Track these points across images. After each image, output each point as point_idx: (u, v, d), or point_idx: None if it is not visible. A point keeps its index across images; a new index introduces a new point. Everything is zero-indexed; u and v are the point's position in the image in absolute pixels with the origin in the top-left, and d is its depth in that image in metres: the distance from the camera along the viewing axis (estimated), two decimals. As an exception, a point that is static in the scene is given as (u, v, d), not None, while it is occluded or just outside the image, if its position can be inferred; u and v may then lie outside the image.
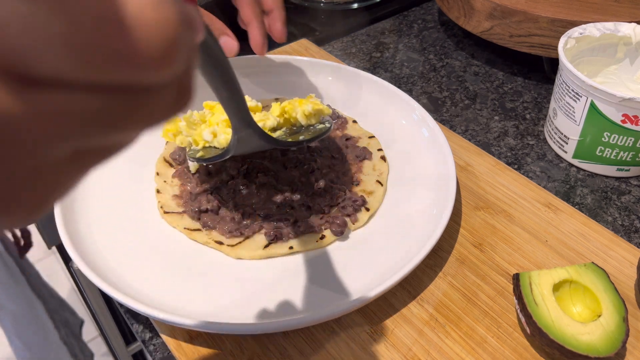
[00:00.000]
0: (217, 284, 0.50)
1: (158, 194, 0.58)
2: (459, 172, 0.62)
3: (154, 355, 0.48)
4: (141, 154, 0.63)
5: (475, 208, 0.58)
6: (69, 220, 0.53)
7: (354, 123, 0.66)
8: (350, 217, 0.55)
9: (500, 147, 0.67)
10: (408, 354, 0.46)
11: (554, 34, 0.70)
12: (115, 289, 0.47)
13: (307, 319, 0.44)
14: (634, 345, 0.46)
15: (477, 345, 0.46)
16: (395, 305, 0.49)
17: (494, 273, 0.52)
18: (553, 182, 0.62)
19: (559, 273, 0.47)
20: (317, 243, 0.53)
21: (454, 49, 0.84)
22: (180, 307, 0.47)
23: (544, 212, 0.57)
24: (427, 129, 0.63)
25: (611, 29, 0.64)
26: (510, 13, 0.71)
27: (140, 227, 0.55)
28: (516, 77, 0.79)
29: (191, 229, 0.54)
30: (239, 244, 0.53)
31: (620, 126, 0.57)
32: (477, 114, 0.72)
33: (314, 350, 0.46)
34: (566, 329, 0.43)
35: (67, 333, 1.23)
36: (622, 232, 0.57)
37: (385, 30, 0.89)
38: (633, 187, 0.62)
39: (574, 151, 0.63)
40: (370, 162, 0.61)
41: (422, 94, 0.76)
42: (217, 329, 0.44)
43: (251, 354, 0.46)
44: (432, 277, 0.51)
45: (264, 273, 0.51)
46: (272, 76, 0.73)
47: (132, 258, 0.52)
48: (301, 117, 0.56)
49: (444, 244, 0.54)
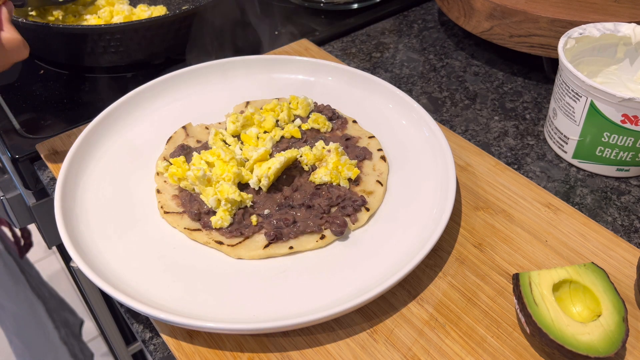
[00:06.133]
0: (217, 283, 0.50)
1: (158, 194, 0.58)
2: (459, 172, 0.62)
3: (154, 355, 0.48)
4: (141, 154, 0.63)
5: (475, 208, 0.58)
6: (69, 220, 0.53)
7: (354, 123, 0.66)
8: (350, 217, 0.55)
9: (500, 147, 0.67)
10: (408, 354, 0.46)
11: (554, 34, 0.70)
12: (115, 289, 0.47)
13: (307, 319, 0.44)
14: (634, 345, 0.46)
15: (477, 345, 0.46)
16: (395, 305, 0.49)
17: (494, 273, 0.52)
18: (553, 182, 0.62)
19: (559, 273, 0.47)
20: (317, 243, 0.53)
21: (454, 49, 0.84)
22: (180, 306, 0.47)
23: (544, 212, 0.57)
24: (427, 129, 0.63)
25: (611, 29, 0.64)
26: (510, 13, 0.71)
27: (141, 227, 0.55)
28: (516, 77, 0.79)
29: (191, 229, 0.54)
30: (239, 244, 0.53)
31: (620, 126, 0.57)
32: (477, 114, 0.72)
33: (314, 350, 0.46)
34: (566, 329, 0.43)
35: (67, 333, 1.23)
36: (622, 232, 0.57)
37: (385, 30, 0.89)
38: (633, 187, 0.62)
39: (573, 151, 0.63)
40: (370, 162, 0.61)
41: (422, 94, 0.76)
42: (217, 329, 0.44)
43: (251, 354, 0.46)
44: (432, 277, 0.51)
45: (264, 273, 0.51)
46: (272, 76, 0.73)
47: (132, 258, 0.52)
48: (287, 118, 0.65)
49: (444, 244, 0.54)
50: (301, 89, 0.71)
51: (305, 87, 0.72)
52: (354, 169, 0.58)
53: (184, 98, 0.70)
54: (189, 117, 0.68)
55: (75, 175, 0.58)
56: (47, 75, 0.81)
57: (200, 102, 0.70)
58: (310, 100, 0.67)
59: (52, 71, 0.82)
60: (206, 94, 0.71)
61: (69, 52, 0.80)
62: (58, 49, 0.81)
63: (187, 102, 0.70)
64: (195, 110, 0.69)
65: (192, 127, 0.66)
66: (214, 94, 0.71)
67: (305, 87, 0.72)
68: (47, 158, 0.65)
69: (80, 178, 0.59)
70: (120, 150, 0.63)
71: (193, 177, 0.55)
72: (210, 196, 0.54)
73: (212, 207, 0.55)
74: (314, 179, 0.58)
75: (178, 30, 0.79)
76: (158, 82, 0.69)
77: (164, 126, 0.66)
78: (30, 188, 0.71)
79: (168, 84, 0.70)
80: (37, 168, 0.67)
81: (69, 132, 0.68)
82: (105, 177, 0.60)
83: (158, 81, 0.69)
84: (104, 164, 0.61)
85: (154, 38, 0.77)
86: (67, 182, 0.57)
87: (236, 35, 0.89)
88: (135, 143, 0.64)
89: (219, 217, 0.54)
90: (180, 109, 0.69)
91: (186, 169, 0.57)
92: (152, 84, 0.69)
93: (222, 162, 0.57)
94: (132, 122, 0.66)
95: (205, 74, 0.72)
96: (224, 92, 0.71)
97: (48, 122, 0.73)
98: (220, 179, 0.56)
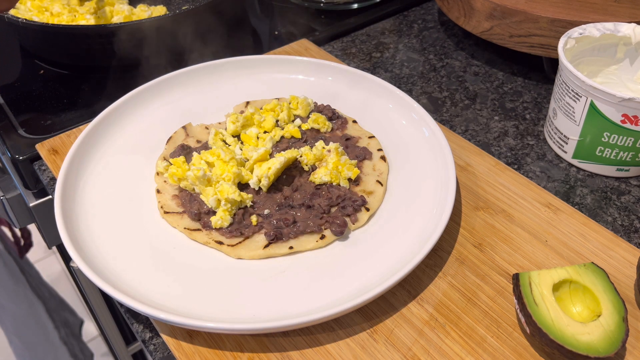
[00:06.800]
0: (217, 283, 0.50)
1: (158, 193, 0.58)
2: (459, 172, 0.62)
3: (154, 355, 0.48)
4: (141, 154, 0.63)
5: (475, 208, 0.58)
6: (69, 220, 0.53)
7: (354, 123, 0.66)
8: (350, 217, 0.55)
9: (500, 147, 0.67)
10: (408, 354, 0.46)
11: (554, 34, 0.70)
12: (115, 289, 0.47)
13: (307, 319, 0.44)
14: (634, 345, 0.46)
15: (477, 345, 0.46)
16: (395, 305, 0.49)
17: (493, 273, 0.52)
18: (553, 182, 0.62)
19: (559, 273, 0.47)
20: (317, 243, 0.53)
21: (454, 49, 0.84)
22: (181, 307, 0.47)
23: (544, 212, 0.57)
24: (427, 129, 0.63)
25: (611, 29, 0.64)
26: (510, 13, 0.71)
27: (141, 227, 0.55)
28: (516, 77, 0.79)
29: (191, 229, 0.54)
30: (239, 244, 0.53)
31: (620, 126, 0.57)
32: (477, 114, 0.72)
33: (314, 350, 0.46)
34: (566, 329, 0.43)
35: (67, 333, 1.23)
36: (622, 232, 0.57)
37: (385, 30, 0.89)
38: (633, 187, 0.62)
39: (573, 151, 0.63)
40: (370, 162, 0.61)
41: (422, 94, 0.76)
42: (217, 329, 0.44)
43: (251, 354, 0.46)
44: (432, 277, 0.51)
45: (264, 273, 0.51)
46: (272, 76, 0.73)
47: (132, 258, 0.52)
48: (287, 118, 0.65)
49: (444, 244, 0.54)
50: (301, 89, 0.71)
51: (305, 87, 0.72)
52: (354, 169, 0.58)
53: (184, 98, 0.70)
54: (189, 117, 0.68)
55: (75, 175, 0.58)
56: (47, 75, 0.81)
57: (200, 102, 0.70)
58: (310, 100, 0.67)
59: (52, 71, 0.82)
60: (206, 94, 0.71)
61: (69, 52, 0.80)
62: (58, 49, 0.81)
63: (187, 102, 0.70)
64: (195, 110, 0.69)
65: (192, 127, 0.66)
66: (214, 94, 0.71)
67: (305, 87, 0.72)
68: (47, 158, 0.65)
69: (80, 178, 0.59)
70: (120, 150, 0.63)
71: (193, 177, 0.55)
72: (210, 196, 0.54)
73: (212, 207, 0.55)
74: (314, 179, 0.58)
75: (178, 30, 0.79)
76: (158, 82, 0.69)
77: (164, 126, 0.66)
78: (30, 188, 0.71)
79: (168, 84, 0.70)
80: (37, 168, 0.67)
81: (69, 132, 0.68)
82: (105, 177, 0.60)
83: (158, 81, 0.69)
84: (104, 164, 0.61)
85: (153, 38, 0.77)
86: (67, 182, 0.57)
87: (236, 35, 0.89)
88: (135, 143, 0.64)
89: (219, 217, 0.54)
90: (180, 109, 0.69)
91: (186, 169, 0.57)
92: (152, 84, 0.69)
93: (222, 162, 0.57)
94: (132, 122, 0.66)
95: (205, 74, 0.72)
96: (224, 92, 0.71)
97: (48, 122, 0.73)
98: (220, 179, 0.56)
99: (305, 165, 0.59)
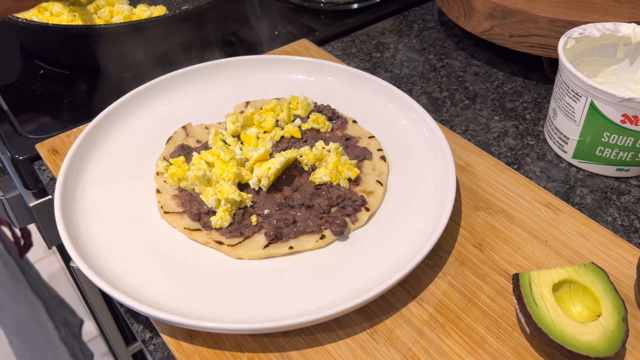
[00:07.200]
0: (217, 283, 0.50)
1: (158, 193, 0.58)
2: (459, 172, 0.62)
3: (154, 355, 0.48)
4: (141, 154, 0.63)
5: (475, 208, 0.58)
6: (69, 220, 0.53)
7: (354, 123, 0.66)
8: (350, 217, 0.55)
9: (500, 147, 0.67)
10: (408, 354, 0.46)
11: (554, 34, 0.70)
12: (115, 289, 0.47)
13: (307, 319, 0.44)
14: (634, 345, 0.46)
15: (477, 345, 0.46)
16: (395, 305, 0.49)
17: (493, 273, 0.52)
18: (553, 182, 0.62)
19: (559, 273, 0.47)
20: (317, 243, 0.53)
21: (454, 49, 0.84)
22: (181, 306, 0.47)
23: (544, 212, 0.57)
24: (427, 129, 0.63)
25: (611, 29, 0.64)
26: (510, 13, 0.71)
27: (141, 227, 0.55)
28: (516, 77, 0.79)
29: (191, 229, 0.54)
30: (239, 244, 0.53)
31: (620, 126, 0.57)
32: (477, 114, 0.72)
33: (314, 350, 0.46)
34: (566, 329, 0.43)
35: (67, 333, 1.23)
36: (622, 232, 0.57)
37: (385, 30, 0.89)
38: (633, 187, 0.62)
39: (573, 151, 0.63)
40: (370, 162, 0.61)
41: (422, 94, 0.76)
42: (217, 329, 0.45)
43: (251, 354, 0.46)
44: (432, 277, 0.51)
45: (264, 273, 0.51)
46: (272, 76, 0.73)
47: (132, 258, 0.52)
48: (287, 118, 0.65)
49: (443, 244, 0.54)
50: (301, 89, 0.71)
51: (305, 87, 0.72)
52: (354, 169, 0.58)
53: (183, 98, 0.70)
54: (189, 117, 0.68)
55: (75, 175, 0.58)
56: (47, 75, 0.81)
57: (200, 102, 0.70)
58: (310, 100, 0.67)
59: (52, 71, 0.82)
60: (206, 93, 0.71)
61: (69, 52, 0.80)
62: (58, 49, 0.81)
63: (187, 102, 0.70)
64: (195, 110, 0.69)
65: (192, 127, 0.66)
66: (213, 93, 0.71)
67: (305, 87, 0.72)
68: (47, 158, 0.65)
69: (80, 178, 0.59)
70: (120, 150, 0.63)
71: (193, 177, 0.55)
72: (210, 196, 0.54)
73: (212, 207, 0.55)
74: (314, 179, 0.58)
75: (178, 30, 0.79)
76: (158, 82, 0.69)
77: (164, 126, 0.66)
78: (30, 188, 0.71)
79: (168, 83, 0.70)
80: (37, 168, 0.67)
81: (69, 132, 0.68)
82: (105, 177, 0.60)
83: (158, 81, 0.69)
84: (104, 164, 0.61)
85: (154, 38, 0.77)
86: (67, 182, 0.57)
87: (236, 35, 0.89)
88: (135, 143, 0.64)
89: (219, 217, 0.54)
90: (180, 109, 0.69)
91: (186, 169, 0.57)
92: (152, 84, 0.69)
93: (222, 162, 0.57)
94: (132, 122, 0.66)
95: (205, 73, 0.72)
96: (224, 92, 0.71)
97: (48, 122, 0.73)
98: (220, 179, 0.56)
99: (305, 165, 0.59)
